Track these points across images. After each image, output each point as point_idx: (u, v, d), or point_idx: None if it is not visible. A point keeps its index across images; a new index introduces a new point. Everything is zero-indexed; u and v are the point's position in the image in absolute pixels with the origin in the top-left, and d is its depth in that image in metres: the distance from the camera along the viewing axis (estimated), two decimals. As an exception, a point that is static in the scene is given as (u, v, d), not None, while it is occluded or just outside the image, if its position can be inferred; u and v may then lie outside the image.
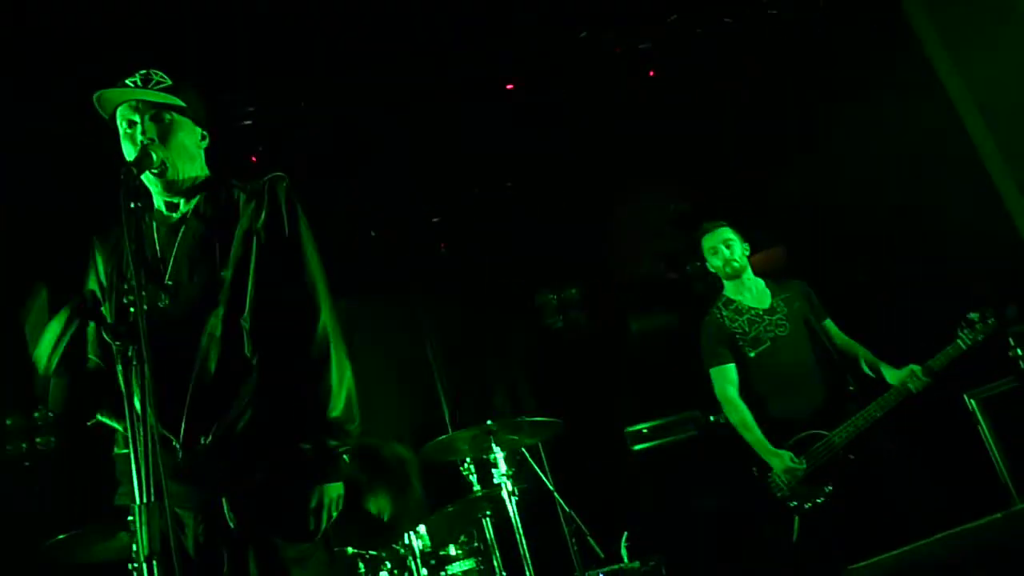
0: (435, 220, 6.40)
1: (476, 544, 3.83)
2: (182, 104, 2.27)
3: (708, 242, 4.30)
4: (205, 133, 2.40)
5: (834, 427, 3.90)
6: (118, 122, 2.28)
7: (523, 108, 5.96)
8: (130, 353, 1.91)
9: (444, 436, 3.74)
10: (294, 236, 2.28)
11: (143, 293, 1.94)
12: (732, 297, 4.27)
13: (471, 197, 6.51)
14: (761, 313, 4.16)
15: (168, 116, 2.26)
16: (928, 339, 3.97)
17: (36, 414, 5.13)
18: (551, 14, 5.43)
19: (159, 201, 2.33)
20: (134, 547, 2.82)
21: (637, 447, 5.10)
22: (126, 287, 1.97)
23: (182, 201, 2.33)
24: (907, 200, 5.26)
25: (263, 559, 2.11)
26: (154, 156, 2.21)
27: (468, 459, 3.78)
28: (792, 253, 5.76)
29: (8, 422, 5.12)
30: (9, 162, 4.80)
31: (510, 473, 3.48)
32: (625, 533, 4.26)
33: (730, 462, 4.99)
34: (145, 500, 1.82)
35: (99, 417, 2.28)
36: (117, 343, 1.93)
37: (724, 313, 4.23)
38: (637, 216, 6.73)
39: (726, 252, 4.22)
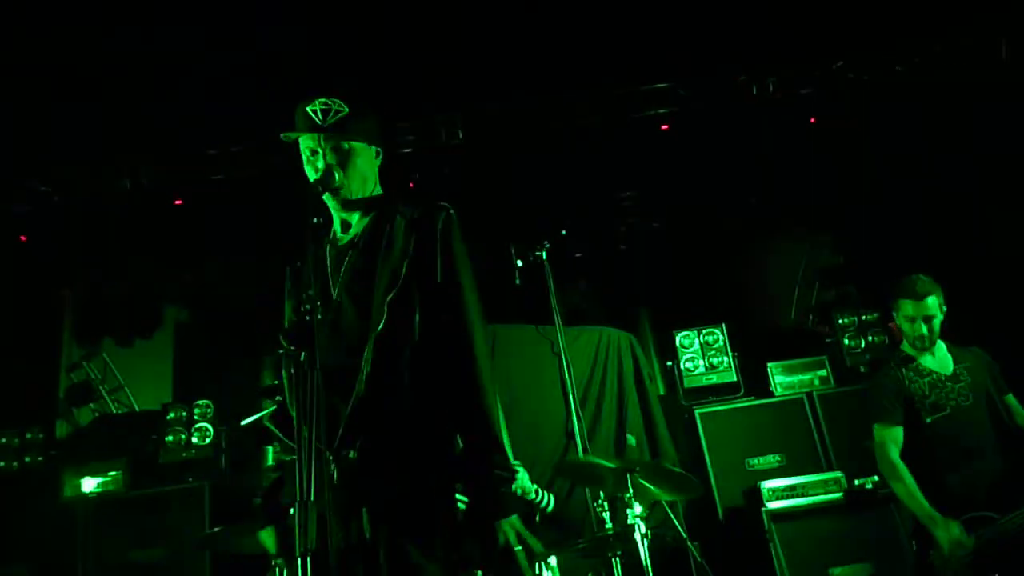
0: (578, 255, 6.45)
1: (603, 584, 3.78)
2: (357, 135, 2.41)
3: (908, 309, 3.96)
4: (379, 150, 2.51)
5: (1009, 511, 3.58)
6: (301, 149, 2.44)
7: (675, 147, 5.94)
8: (302, 359, 2.03)
9: (584, 457, 3.72)
10: (446, 268, 2.33)
11: (318, 302, 2.05)
12: (913, 356, 4.01)
13: (615, 234, 6.53)
14: (944, 379, 3.91)
15: (346, 145, 2.39)
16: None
17: (196, 410, 5.49)
18: (713, 55, 5.40)
19: (336, 219, 2.47)
20: (272, 544, 2.95)
21: (772, 505, 4.89)
22: (304, 296, 2.08)
23: (355, 220, 2.46)
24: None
25: (395, 568, 2.16)
26: (336, 176, 2.35)
27: (602, 496, 3.74)
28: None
29: (170, 415, 5.50)
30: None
31: (644, 515, 3.41)
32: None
33: (873, 530, 4.74)
34: (304, 498, 1.90)
35: (266, 423, 2.42)
36: (292, 348, 2.05)
37: (904, 372, 3.97)
38: (787, 263, 6.55)
39: (923, 328, 3.92)
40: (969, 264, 5.50)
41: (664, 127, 5.81)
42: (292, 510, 2.00)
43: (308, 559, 1.90)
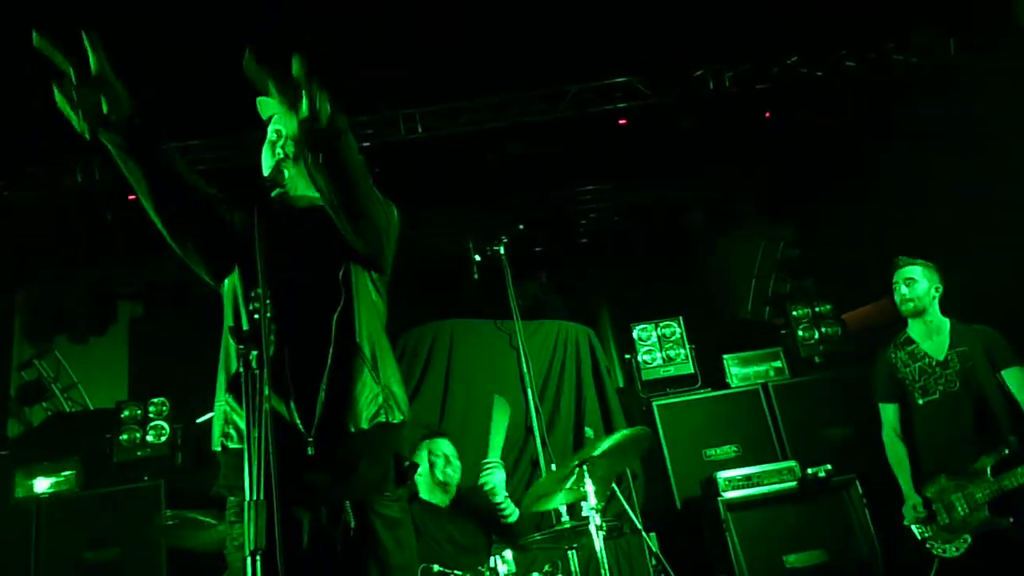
0: (537, 250, 6.47)
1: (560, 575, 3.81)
2: None
3: (893, 277, 4.31)
4: None
5: (981, 483, 3.87)
6: (269, 129, 2.44)
7: (634, 142, 5.99)
8: (252, 357, 2.01)
9: (542, 491, 3.77)
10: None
11: (268, 301, 2.04)
12: (913, 338, 4.27)
13: (574, 228, 6.56)
14: (934, 365, 4.16)
15: None
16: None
17: (151, 408, 5.41)
18: (670, 50, 5.45)
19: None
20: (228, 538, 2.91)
21: (728, 495, 4.96)
22: (252, 294, 2.06)
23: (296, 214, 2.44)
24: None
25: (375, 557, 2.15)
26: (286, 172, 2.34)
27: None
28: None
29: (124, 413, 5.41)
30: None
31: (599, 507, 3.44)
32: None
33: (826, 517, 4.84)
34: (254, 497, 1.89)
35: (228, 399, 2.32)
36: (241, 347, 2.03)
37: (898, 355, 4.27)
38: (744, 256, 6.64)
39: (903, 290, 4.22)
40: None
41: (622, 122, 5.84)
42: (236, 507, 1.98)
43: (258, 559, 1.89)
